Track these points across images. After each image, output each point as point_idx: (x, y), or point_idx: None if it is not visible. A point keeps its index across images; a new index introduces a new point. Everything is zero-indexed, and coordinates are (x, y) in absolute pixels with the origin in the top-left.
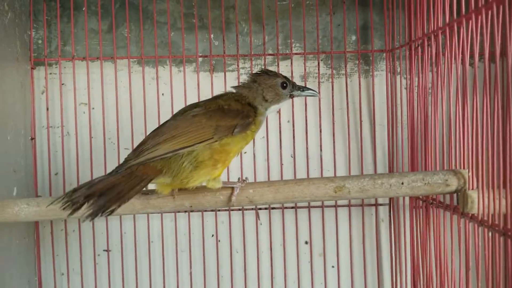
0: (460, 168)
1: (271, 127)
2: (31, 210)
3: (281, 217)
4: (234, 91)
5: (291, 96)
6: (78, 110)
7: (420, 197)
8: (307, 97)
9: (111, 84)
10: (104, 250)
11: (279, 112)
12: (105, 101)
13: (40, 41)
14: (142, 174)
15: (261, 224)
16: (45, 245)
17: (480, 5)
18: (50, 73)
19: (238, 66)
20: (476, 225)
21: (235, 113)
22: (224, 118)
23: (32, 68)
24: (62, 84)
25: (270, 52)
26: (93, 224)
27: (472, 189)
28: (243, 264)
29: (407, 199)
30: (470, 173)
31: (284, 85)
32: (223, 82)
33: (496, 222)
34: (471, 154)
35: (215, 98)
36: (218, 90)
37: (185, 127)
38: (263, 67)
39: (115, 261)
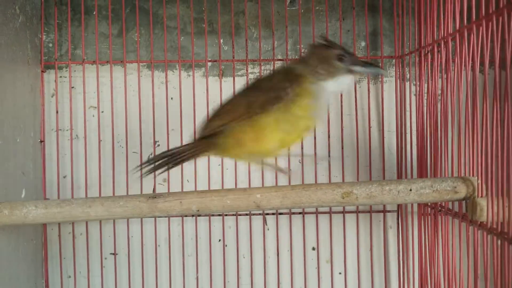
0: (470, 175)
1: None
2: (39, 212)
3: (289, 223)
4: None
5: (351, 72)
6: (87, 113)
7: (429, 204)
8: (366, 77)
9: (120, 88)
10: (111, 254)
11: None
12: (114, 104)
13: (50, 45)
14: (197, 145)
15: (268, 229)
16: (52, 248)
17: (490, 11)
18: (60, 76)
19: (247, 71)
20: (485, 233)
21: (273, 88)
22: (257, 94)
23: (42, 71)
24: (72, 87)
25: (280, 57)
26: (100, 227)
27: (481, 196)
28: (249, 269)
29: (415, 206)
30: (480, 181)
31: (342, 57)
32: (232, 87)
33: (506, 230)
34: (480, 161)
35: (270, 74)
36: (227, 94)
37: (226, 106)
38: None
39: (121, 265)
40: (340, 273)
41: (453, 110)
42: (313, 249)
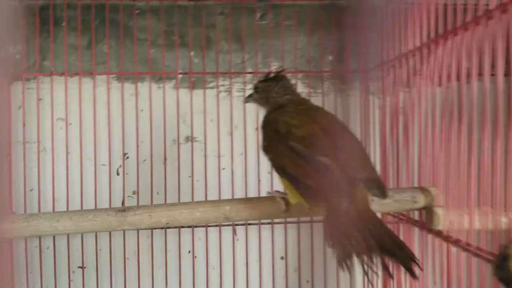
0: (431, 185)
1: (250, 143)
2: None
3: (258, 233)
4: None
5: None
6: (55, 126)
7: (391, 213)
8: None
9: (89, 100)
10: (79, 267)
11: (257, 129)
12: (83, 117)
13: (18, 56)
14: None
15: (237, 240)
16: (19, 262)
17: (457, 26)
18: (28, 88)
19: (217, 83)
20: (441, 240)
21: None
22: None
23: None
24: (40, 99)
25: (250, 70)
26: (68, 240)
27: (439, 206)
28: (219, 280)
29: (378, 215)
30: (437, 191)
31: None
32: (202, 99)
33: (460, 238)
34: (439, 173)
35: None
36: (198, 106)
37: None
38: (242, 85)
39: (90, 278)
40: (307, 281)
41: (414, 123)
42: (282, 258)
